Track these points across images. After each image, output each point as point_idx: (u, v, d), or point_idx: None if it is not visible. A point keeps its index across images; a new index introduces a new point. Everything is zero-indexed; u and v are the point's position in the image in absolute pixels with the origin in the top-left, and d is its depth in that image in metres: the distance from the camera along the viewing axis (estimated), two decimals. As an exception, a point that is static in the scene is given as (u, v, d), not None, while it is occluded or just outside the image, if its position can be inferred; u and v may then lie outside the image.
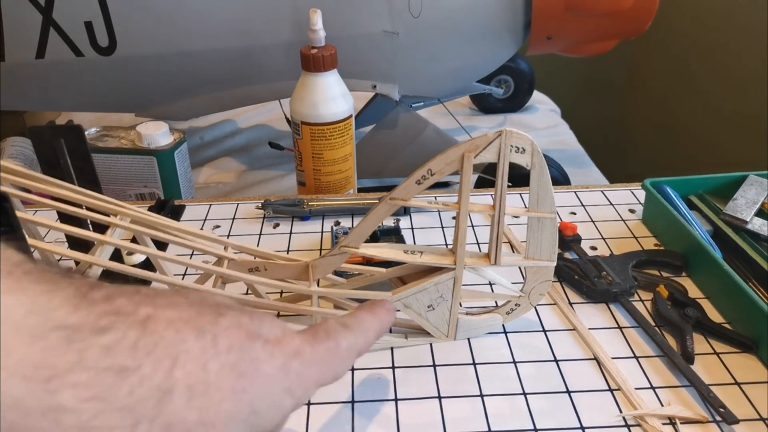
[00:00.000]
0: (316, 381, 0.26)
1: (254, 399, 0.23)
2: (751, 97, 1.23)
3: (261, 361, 0.23)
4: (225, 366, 0.22)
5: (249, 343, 0.23)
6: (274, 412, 0.24)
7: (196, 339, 0.22)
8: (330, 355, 0.27)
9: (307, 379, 0.25)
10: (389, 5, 0.73)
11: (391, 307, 0.34)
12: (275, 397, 0.24)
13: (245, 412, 0.22)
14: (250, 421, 0.23)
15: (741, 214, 0.53)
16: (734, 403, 0.39)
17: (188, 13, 0.72)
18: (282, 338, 0.25)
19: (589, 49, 0.89)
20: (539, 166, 0.37)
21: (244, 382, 0.22)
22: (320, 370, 0.26)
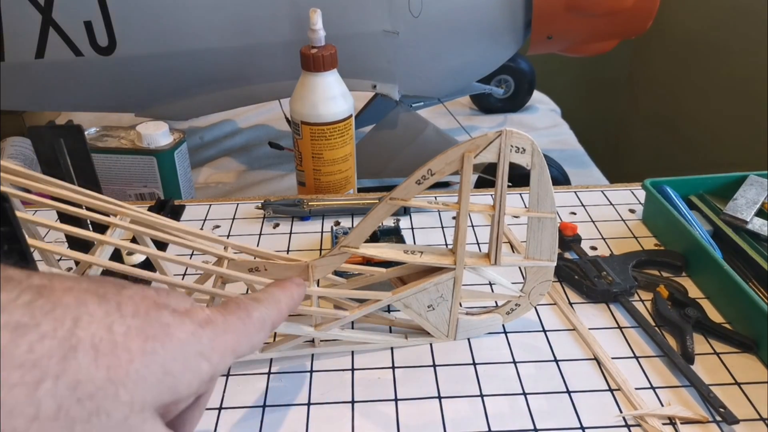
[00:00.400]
0: (232, 348, 0.26)
1: (166, 361, 0.22)
2: (751, 97, 1.23)
3: (171, 326, 0.23)
4: (132, 329, 0.22)
5: (156, 310, 0.23)
6: (190, 376, 0.23)
7: (98, 304, 0.22)
8: (242, 324, 0.27)
9: (221, 346, 0.25)
10: (389, 5, 0.73)
11: (302, 282, 0.35)
12: (189, 360, 0.23)
13: (158, 372, 0.22)
14: (165, 382, 0.22)
15: (741, 214, 0.53)
16: (734, 403, 0.39)
17: (188, 12, 0.72)
18: (191, 309, 0.25)
19: (590, 49, 0.89)
20: (539, 166, 0.37)
21: (154, 344, 0.22)
22: (235, 338, 0.26)
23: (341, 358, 0.43)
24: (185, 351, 0.23)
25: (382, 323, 0.45)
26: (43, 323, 0.20)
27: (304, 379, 0.42)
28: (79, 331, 0.20)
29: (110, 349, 0.21)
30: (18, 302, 0.20)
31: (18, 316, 0.19)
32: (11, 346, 0.19)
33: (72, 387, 0.20)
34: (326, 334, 0.42)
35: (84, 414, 0.20)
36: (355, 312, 0.41)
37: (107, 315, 0.21)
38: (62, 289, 0.21)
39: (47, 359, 0.19)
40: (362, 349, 0.44)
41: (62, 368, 0.20)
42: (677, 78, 1.49)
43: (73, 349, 0.20)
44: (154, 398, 0.22)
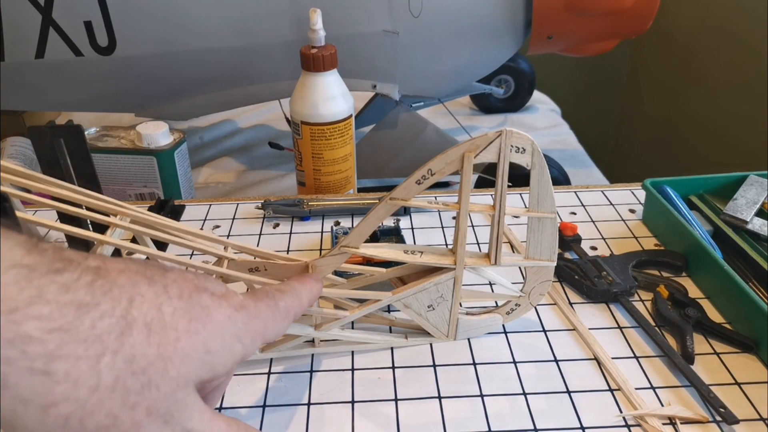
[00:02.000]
0: (261, 333, 0.28)
1: (207, 340, 0.24)
2: (751, 97, 1.23)
3: (210, 308, 0.25)
4: (178, 309, 0.24)
5: (197, 293, 0.25)
6: (226, 355, 0.25)
7: (148, 286, 0.23)
8: (270, 312, 0.29)
9: (253, 330, 0.27)
10: (389, 5, 0.73)
11: (319, 278, 0.37)
12: (226, 340, 0.25)
13: (200, 351, 0.24)
14: (205, 360, 0.24)
15: (741, 214, 0.53)
16: (734, 403, 0.39)
17: (188, 12, 0.72)
18: (227, 293, 0.27)
19: (590, 49, 0.89)
20: (539, 166, 0.37)
21: (197, 325, 0.24)
22: (263, 323, 0.28)
23: (341, 358, 0.43)
24: (223, 332, 0.25)
25: (382, 323, 0.45)
26: (102, 302, 0.21)
27: (304, 379, 0.42)
28: (134, 311, 0.22)
29: (160, 328, 0.23)
30: (80, 282, 0.21)
31: (81, 295, 0.21)
32: (77, 323, 0.21)
33: (128, 361, 0.21)
34: (326, 334, 0.42)
35: (137, 386, 0.22)
36: (355, 312, 0.41)
37: (156, 296, 0.23)
38: (116, 271, 0.23)
39: (107, 335, 0.21)
40: (362, 349, 0.44)
41: (120, 344, 0.21)
42: (677, 78, 1.49)
43: (129, 327, 0.22)
44: (196, 374, 0.24)
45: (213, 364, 0.25)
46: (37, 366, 0.20)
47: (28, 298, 0.20)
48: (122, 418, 0.21)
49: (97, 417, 0.21)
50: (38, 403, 0.20)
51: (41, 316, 0.20)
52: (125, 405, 0.21)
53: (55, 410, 0.20)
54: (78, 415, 0.21)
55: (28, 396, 0.20)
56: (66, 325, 0.20)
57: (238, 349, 0.26)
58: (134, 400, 0.22)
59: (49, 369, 0.20)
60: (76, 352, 0.20)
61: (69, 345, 0.20)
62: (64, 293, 0.21)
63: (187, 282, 0.25)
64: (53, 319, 0.20)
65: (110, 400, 0.21)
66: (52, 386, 0.20)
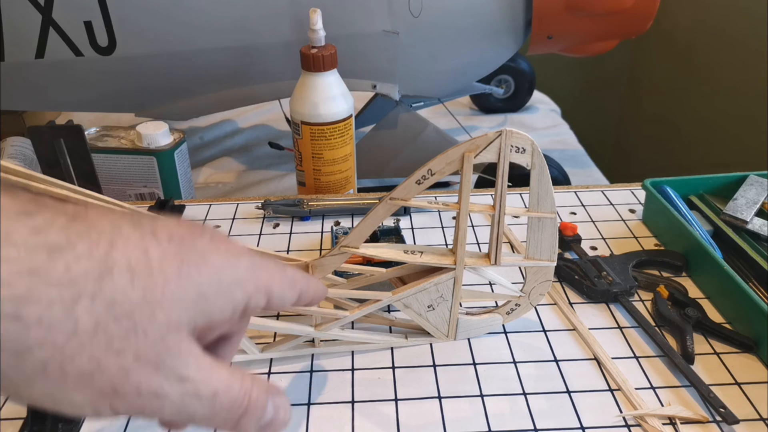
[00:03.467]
0: (266, 286, 0.26)
1: (201, 284, 0.23)
2: (751, 97, 1.23)
3: (207, 252, 0.23)
4: (168, 253, 0.22)
5: (191, 237, 0.23)
6: (224, 301, 0.24)
7: (132, 229, 0.22)
8: (277, 269, 0.27)
9: (257, 279, 0.25)
10: (389, 5, 0.73)
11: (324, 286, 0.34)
12: (224, 286, 0.24)
13: (192, 295, 0.23)
14: (198, 305, 0.23)
15: (741, 214, 0.53)
16: (734, 403, 0.39)
17: (187, 12, 0.72)
18: (229, 240, 0.25)
19: (590, 49, 0.89)
20: (539, 166, 0.37)
21: (190, 269, 0.23)
22: (270, 276, 0.26)
23: (341, 358, 0.43)
24: (220, 277, 0.24)
25: (382, 323, 0.45)
26: (78, 245, 0.20)
27: (304, 379, 0.42)
28: (115, 253, 0.21)
29: (146, 271, 0.21)
30: (54, 225, 0.20)
31: (53, 238, 0.20)
32: (48, 266, 0.20)
33: (109, 306, 0.20)
34: (326, 334, 0.42)
35: (121, 331, 0.21)
36: (355, 312, 0.41)
37: (142, 239, 0.22)
38: (97, 215, 0.22)
39: (83, 279, 0.20)
40: (362, 349, 0.44)
41: (99, 287, 0.20)
42: (677, 78, 1.49)
43: (109, 270, 0.21)
44: (189, 320, 0.23)
45: (209, 310, 0.23)
46: (7, 310, 0.19)
47: None
48: (107, 364, 0.21)
49: (78, 362, 0.20)
50: (11, 348, 0.19)
51: (8, 259, 0.19)
52: (109, 350, 0.21)
53: (31, 356, 0.20)
54: (57, 361, 0.20)
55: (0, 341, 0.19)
56: (35, 268, 0.19)
57: (238, 295, 0.24)
58: (119, 345, 0.21)
59: (19, 313, 0.19)
60: (49, 296, 0.19)
61: (40, 288, 0.19)
62: (33, 236, 0.20)
63: (180, 227, 0.23)
64: (21, 262, 0.19)
65: (91, 345, 0.20)
66: (24, 331, 0.19)
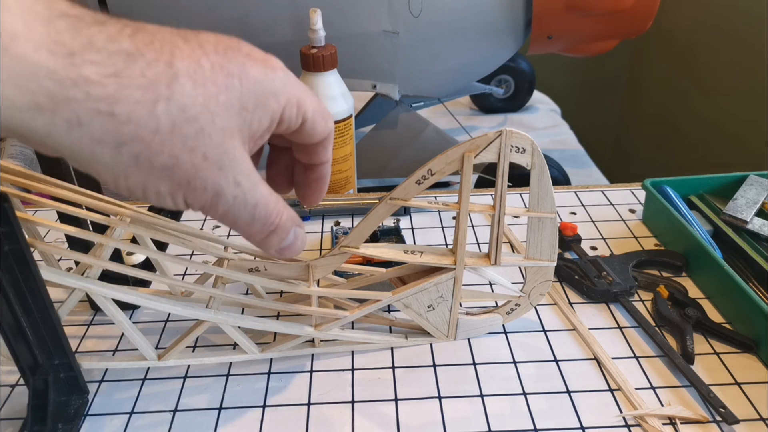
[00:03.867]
0: (298, 100, 0.28)
1: (243, 96, 0.25)
2: (751, 97, 1.23)
3: (246, 65, 0.25)
4: (215, 64, 0.24)
5: (232, 51, 0.25)
6: (262, 112, 0.26)
7: (184, 42, 0.24)
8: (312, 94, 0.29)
9: (289, 92, 0.27)
10: (389, 5, 0.73)
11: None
12: (261, 98, 0.26)
13: (237, 106, 0.25)
14: (241, 115, 0.25)
15: (741, 214, 0.53)
16: (734, 403, 0.39)
17: (187, 12, 0.72)
18: (267, 56, 0.27)
19: (590, 49, 0.89)
20: (539, 166, 0.37)
21: (233, 80, 0.25)
22: (302, 92, 0.28)
23: (341, 358, 0.43)
24: (258, 88, 0.26)
25: (382, 323, 0.45)
26: (146, 53, 0.23)
27: (304, 379, 0.42)
28: (177, 62, 0.23)
29: (203, 80, 0.24)
30: (124, 33, 0.22)
31: (126, 46, 0.22)
32: (128, 70, 0.22)
33: (181, 108, 0.23)
34: (326, 334, 0.42)
35: (192, 132, 0.24)
36: (355, 312, 0.41)
37: (193, 51, 0.24)
38: (154, 28, 0.24)
39: (157, 83, 0.22)
40: (362, 349, 0.44)
41: (171, 92, 0.23)
42: (677, 78, 1.49)
43: (176, 77, 0.23)
44: (239, 129, 0.25)
45: (249, 120, 0.26)
46: (103, 108, 0.21)
47: (81, 46, 0.21)
48: (184, 159, 0.24)
49: (161, 158, 0.23)
50: (110, 142, 0.22)
51: (96, 62, 0.21)
52: (185, 148, 0.23)
53: (126, 149, 0.23)
54: (146, 155, 0.23)
55: (101, 136, 0.22)
56: (119, 71, 0.22)
57: (273, 106, 0.27)
58: (192, 144, 0.24)
59: (113, 110, 0.22)
60: (134, 97, 0.22)
61: (126, 89, 0.22)
62: (111, 43, 0.22)
63: (221, 40, 0.26)
64: (106, 65, 0.21)
65: (171, 143, 0.23)
66: (119, 126, 0.22)
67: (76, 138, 0.22)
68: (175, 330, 0.46)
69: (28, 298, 0.34)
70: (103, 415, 0.39)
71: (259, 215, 0.28)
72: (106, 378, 0.42)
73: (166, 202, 0.25)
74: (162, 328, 0.46)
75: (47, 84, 0.21)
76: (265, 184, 0.28)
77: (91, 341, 0.45)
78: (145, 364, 0.40)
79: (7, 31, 0.20)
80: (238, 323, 0.39)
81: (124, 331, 0.38)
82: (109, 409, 0.39)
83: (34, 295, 0.34)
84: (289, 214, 0.30)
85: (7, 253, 0.32)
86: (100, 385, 0.41)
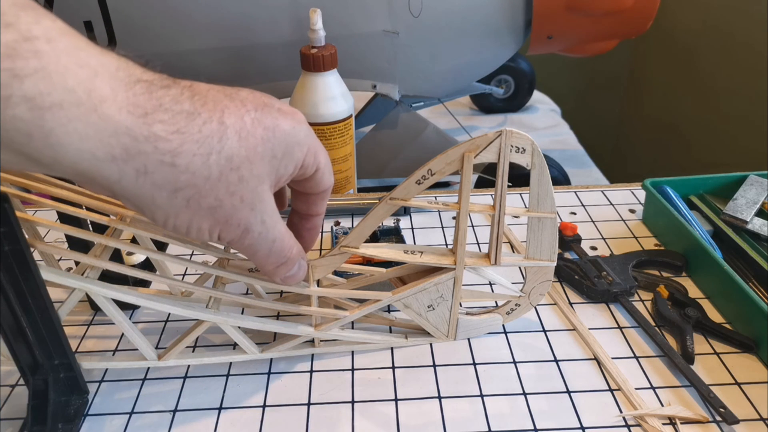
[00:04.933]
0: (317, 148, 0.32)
1: (275, 146, 0.29)
2: (751, 97, 1.23)
3: (278, 119, 0.30)
4: (255, 120, 0.29)
5: (267, 107, 0.30)
6: (288, 159, 0.31)
7: (229, 100, 0.28)
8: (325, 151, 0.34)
9: (311, 144, 0.32)
10: (389, 5, 0.73)
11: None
12: (289, 147, 0.30)
13: (269, 155, 0.29)
14: (272, 163, 0.30)
15: (741, 214, 0.53)
16: (734, 403, 0.39)
17: (188, 12, 0.72)
18: (293, 110, 0.31)
19: (590, 49, 0.89)
20: (539, 166, 0.37)
21: (268, 133, 0.29)
22: (319, 146, 0.33)
23: (341, 358, 0.43)
24: (287, 140, 0.30)
25: (382, 323, 0.45)
26: (203, 112, 0.27)
27: (304, 379, 0.42)
28: (226, 119, 0.28)
29: (245, 134, 0.28)
30: (184, 96, 0.27)
31: (187, 106, 0.26)
32: (188, 127, 0.26)
33: (228, 159, 0.27)
34: (326, 334, 0.42)
35: (235, 178, 0.28)
36: (355, 312, 0.41)
37: (238, 109, 0.28)
38: (204, 88, 0.28)
39: (211, 138, 0.27)
40: (362, 349, 0.44)
41: (221, 146, 0.27)
42: (677, 78, 1.49)
43: (225, 132, 0.27)
44: (268, 175, 0.30)
45: (278, 167, 0.30)
46: (167, 159, 0.26)
47: (153, 107, 0.25)
48: (225, 202, 0.28)
49: (208, 200, 0.28)
50: (168, 188, 0.26)
51: (164, 121, 0.25)
52: (227, 192, 0.28)
53: (181, 193, 0.27)
54: (196, 198, 0.27)
55: (161, 182, 0.26)
56: (181, 128, 0.26)
57: (299, 155, 0.31)
58: (233, 189, 0.28)
59: (174, 162, 0.26)
60: (192, 150, 0.26)
61: (186, 144, 0.26)
62: (175, 104, 0.26)
63: (257, 97, 0.30)
64: (172, 123, 0.25)
65: (217, 188, 0.28)
66: (178, 175, 0.26)
67: (140, 184, 0.26)
68: (175, 330, 0.46)
69: (28, 298, 0.34)
70: (103, 415, 0.39)
71: (275, 249, 0.33)
72: (106, 378, 0.42)
73: (204, 237, 0.29)
74: (162, 328, 0.46)
75: (124, 139, 0.24)
76: (283, 222, 0.33)
77: (91, 341, 0.45)
78: (145, 364, 0.40)
79: (98, 95, 0.23)
80: (238, 323, 0.39)
81: (124, 331, 0.38)
82: (109, 409, 0.40)
83: (34, 295, 0.34)
84: (298, 248, 0.35)
85: (7, 253, 0.32)
86: (100, 385, 0.41)
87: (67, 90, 0.22)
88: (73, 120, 0.23)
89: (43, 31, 0.22)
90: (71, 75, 0.23)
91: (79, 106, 0.23)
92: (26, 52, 0.21)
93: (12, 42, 0.21)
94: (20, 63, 0.21)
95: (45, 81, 0.22)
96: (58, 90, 0.22)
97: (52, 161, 0.24)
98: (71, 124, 0.23)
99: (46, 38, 0.22)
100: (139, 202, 0.27)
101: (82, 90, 0.23)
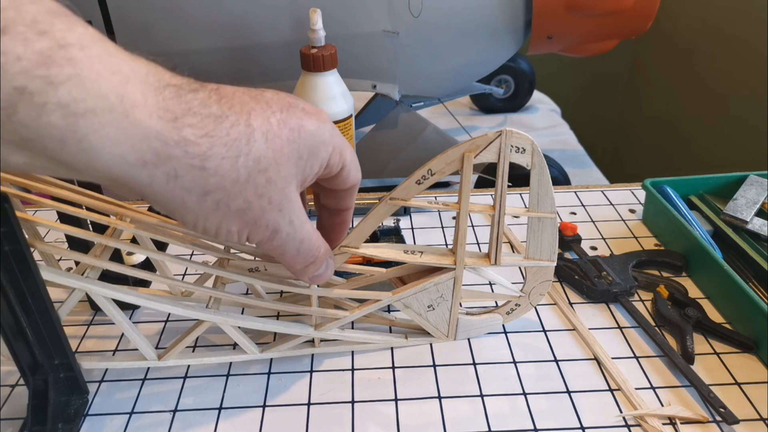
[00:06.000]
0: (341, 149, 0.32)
1: (300, 147, 0.30)
2: (750, 97, 1.23)
3: (303, 120, 0.30)
4: (281, 121, 0.29)
5: (291, 108, 0.30)
6: (314, 159, 0.31)
7: (255, 102, 0.28)
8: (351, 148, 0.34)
9: (335, 142, 0.32)
10: (389, 5, 0.73)
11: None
12: (314, 147, 0.30)
13: (295, 156, 0.30)
14: (298, 164, 0.30)
15: (741, 214, 0.53)
16: (734, 403, 0.39)
17: (187, 12, 0.72)
18: (318, 110, 0.32)
19: (590, 49, 0.89)
20: (539, 166, 0.37)
21: (294, 134, 0.29)
22: (345, 143, 0.33)
23: (341, 358, 0.43)
24: (312, 140, 0.30)
25: (382, 323, 0.45)
26: (230, 116, 0.27)
27: (304, 379, 0.42)
28: (252, 122, 0.28)
29: (272, 136, 0.28)
30: (212, 99, 0.27)
31: (215, 110, 0.27)
32: (217, 131, 0.26)
33: (256, 161, 0.28)
34: (326, 334, 0.42)
35: (263, 181, 0.28)
36: (355, 312, 0.41)
37: (263, 110, 0.28)
38: (231, 91, 0.28)
39: (239, 141, 0.27)
40: (362, 349, 0.44)
41: (249, 148, 0.27)
42: (677, 78, 1.49)
43: (252, 134, 0.28)
44: (294, 176, 0.30)
45: (304, 167, 0.30)
46: (196, 163, 0.26)
47: (182, 111, 0.25)
48: (254, 204, 0.28)
49: (237, 202, 0.28)
50: (197, 191, 0.27)
51: (193, 125, 0.26)
52: (256, 194, 0.28)
53: (210, 196, 0.27)
54: (225, 201, 0.28)
55: (191, 186, 0.26)
56: (210, 132, 0.26)
57: (323, 154, 0.31)
58: (261, 191, 0.28)
59: (203, 165, 0.26)
60: (221, 153, 0.26)
61: (215, 148, 0.26)
62: (203, 107, 0.26)
63: (281, 98, 0.30)
64: (201, 127, 0.26)
65: (246, 191, 0.28)
66: (207, 178, 0.26)
67: (170, 188, 0.26)
68: (175, 330, 0.46)
69: (28, 298, 0.34)
70: (103, 415, 0.39)
71: (303, 249, 0.33)
72: (106, 378, 0.42)
73: (233, 238, 0.30)
74: (162, 328, 0.46)
75: (155, 144, 0.25)
76: (310, 222, 0.33)
77: (91, 341, 0.45)
78: (145, 364, 0.40)
79: (130, 101, 0.24)
80: (238, 323, 0.39)
81: (124, 331, 0.38)
82: (109, 409, 0.40)
83: (34, 295, 0.34)
84: (326, 247, 0.35)
85: (7, 253, 0.32)
86: (100, 385, 0.41)
87: (100, 96, 0.23)
88: (106, 126, 0.23)
89: (77, 38, 0.22)
90: (104, 81, 0.23)
91: (111, 112, 0.23)
92: (61, 59, 0.22)
93: (47, 50, 0.21)
94: (55, 70, 0.21)
95: (79, 88, 0.22)
96: (91, 96, 0.22)
97: (84, 167, 0.24)
98: (104, 130, 0.23)
99: (80, 45, 0.22)
100: (169, 206, 0.27)
101: (114, 96, 0.23)
